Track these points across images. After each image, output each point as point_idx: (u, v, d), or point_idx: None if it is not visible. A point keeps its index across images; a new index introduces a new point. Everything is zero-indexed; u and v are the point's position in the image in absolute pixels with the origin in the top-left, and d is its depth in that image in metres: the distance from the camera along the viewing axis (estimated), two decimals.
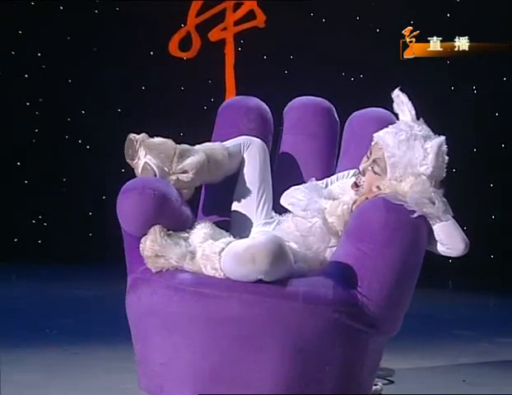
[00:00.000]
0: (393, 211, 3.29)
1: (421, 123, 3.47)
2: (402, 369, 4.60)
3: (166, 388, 3.28)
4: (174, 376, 3.26)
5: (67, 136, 10.26)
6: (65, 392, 3.80)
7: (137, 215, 3.30)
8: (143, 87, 10.38)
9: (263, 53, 10.44)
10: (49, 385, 3.91)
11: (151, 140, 3.53)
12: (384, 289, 3.27)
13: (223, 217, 3.77)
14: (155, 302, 3.27)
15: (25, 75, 10.21)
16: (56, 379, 4.02)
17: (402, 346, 5.20)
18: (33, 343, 5.02)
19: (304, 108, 4.05)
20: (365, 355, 3.33)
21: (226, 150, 3.69)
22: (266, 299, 3.13)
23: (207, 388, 3.19)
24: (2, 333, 5.20)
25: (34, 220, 10.29)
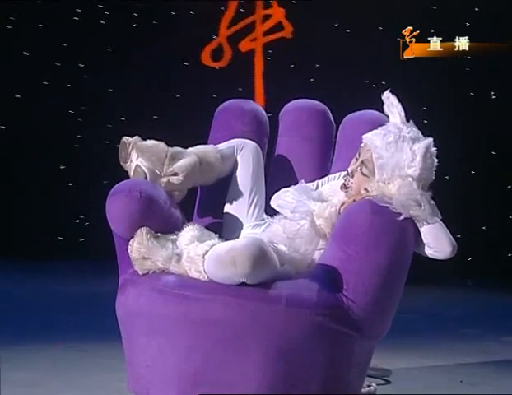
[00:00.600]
0: (378, 213, 3.04)
1: (411, 125, 3.22)
2: (402, 368, 4.35)
3: (152, 391, 3.08)
4: (160, 378, 3.06)
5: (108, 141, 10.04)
6: (61, 391, 3.54)
7: (124, 217, 3.11)
8: (178, 95, 10.13)
9: (291, 62, 10.15)
10: (48, 383, 3.69)
11: (144, 143, 3.33)
12: (370, 292, 3.03)
13: (216, 219, 3.56)
14: (141, 304, 3.06)
15: (69, 84, 10.01)
16: (57, 377, 3.77)
17: (404, 345, 4.95)
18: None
19: (299, 111, 3.81)
20: (352, 358, 3.09)
21: (219, 152, 3.47)
22: (248, 302, 2.91)
23: (191, 391, 2.98)
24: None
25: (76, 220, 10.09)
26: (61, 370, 3.93)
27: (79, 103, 10.09)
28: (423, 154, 3.08)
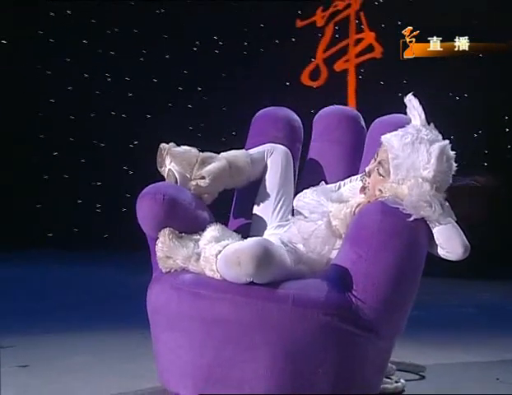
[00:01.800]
0: (389, 214, 2.65)
1: (431, 128, 2.80)
2: (439, 364, 3.81)
3: (172, 383, 2.79)
4: (178, 371, 2.75)
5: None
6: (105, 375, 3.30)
7: (149, 218, 2.84)
8: None
9: (380, 79, 9.68)
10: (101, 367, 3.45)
11: (177, 148, 3.04)
12: (380, 293, 2.63)
13: (247, 220, 3.24)
14: (162, 300, 2.78)
15: (129, 93, 9.76)
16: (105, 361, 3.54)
17: (453, 339, 4.33)
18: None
19: (330, 116, 3.43)
20: (364, 357, 2.70)
21: (249, 156, 3.15)
22: (256, 301, 2.56)
23: (204, 385, 2.66)
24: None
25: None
26: (115, 353, 3.63)
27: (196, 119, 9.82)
28: (437, 156, 2.66)
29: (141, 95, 9.59)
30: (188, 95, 9.82)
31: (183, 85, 9.81)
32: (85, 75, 9.49)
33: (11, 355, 3.55)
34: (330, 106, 3.45)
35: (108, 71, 9.65)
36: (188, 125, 9.65)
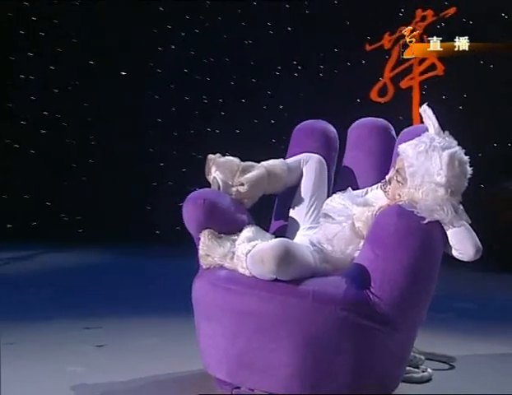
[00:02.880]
0: (404, 217, 2.44)
1: (445, 136, 2.55)
2: (475, 355, 3.48)
3: (211, 367, 2.69)
4: (214, 358, 2.66)
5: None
6: (168, 356, 3.20)
7: (192, 220, 2.75)
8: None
9: (443, 94, 9.24)
10: (166, 349, 3.35)
11: (221, 159, 2.94)
12: (395, 290, 2.43)
13: (285, 222, 3.03)
14: (201, 293, 2.68)
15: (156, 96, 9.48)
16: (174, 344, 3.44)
17: (488, 331, 3.99)
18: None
19: (362, 127, 3.22)
20: (382, 350, 2.50)
21: (286, 165, 2.99)
22: (279, 296, 2.43)
23: (237, 371, 2.55)
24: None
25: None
26: (179, 337, 3.54)
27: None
28: (447, 162, 2.44)
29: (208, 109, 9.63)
30: (272, 112, 9.71)
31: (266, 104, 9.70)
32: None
33: (93, 336, 3.55)
34: (364, 118, 3.26)
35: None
36: (272, 138, 9.54)
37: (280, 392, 2.44)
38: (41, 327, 3.73)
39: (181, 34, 9.88)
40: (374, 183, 2.92)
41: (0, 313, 4.14)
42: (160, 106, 9.73)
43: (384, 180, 2.66)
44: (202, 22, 9.82)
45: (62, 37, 9.48)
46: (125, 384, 2.70)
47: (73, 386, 2.62)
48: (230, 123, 9.75)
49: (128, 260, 7.26)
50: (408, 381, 2.84)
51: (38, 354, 3.17)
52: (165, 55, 9.76)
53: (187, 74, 9.79)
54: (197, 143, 9.71)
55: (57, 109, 9.59)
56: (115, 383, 2.69)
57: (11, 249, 7.31)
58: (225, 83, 9.84)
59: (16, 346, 3.28)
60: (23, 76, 9.44)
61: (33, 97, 9.45)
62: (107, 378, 2.77)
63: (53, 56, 9.45)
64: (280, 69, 9.89)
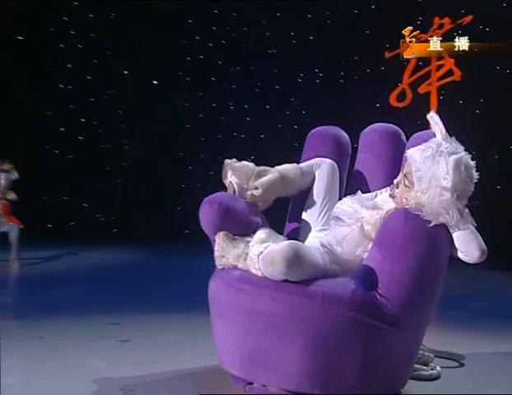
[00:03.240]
0: (411, 220, 2.37)
1: (451, 141, 2.46)
2: (486, 353, 3.38)
3: (225, 363, 2.63)
4: (228, 354, 2.60)
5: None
6: (189, 351, 3.17)
7: (207, 222, 2.69)
8: None
9: (460, 98, 9.10)
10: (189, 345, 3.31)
11: (237, 163, 2.89)
12: (402, 291, 2.36)
13: (299, 224, 2.96)
14: (216, 292, 2.63)
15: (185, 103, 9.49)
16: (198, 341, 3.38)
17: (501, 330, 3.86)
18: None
19: (373, 132, 3.14)
20: (389, 348, 2.43)
21: (299, 169, 2.93)
22: (289, 297, 2.36)
23: (248, 367, 2.48)
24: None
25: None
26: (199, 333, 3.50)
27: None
28: (453, 167, 2.36)
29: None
30: (295, 117, 9.63)
31: (289, 110, 9.64)
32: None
33: (118, 331, 3.53)
34: (375, 123, 3.18)
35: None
36: (295, 142, 9.47)
37: (291, 389, 2.39)
38: (70, 322, 3.73)
39: (209, 44, 9.90)
40: (383, 187, 2.84)
41: (33, 308, 4.19)
42: (189, 112, 9.77)
43: (392, 184, 2.59)
44: (228, 33, 9.83)
45: (97, 50, 9.61)
46: (143, 378, 2.67)
47: (95, 379, 2.61)
48: (255, 127, 9.74)
49: (158, 258, 7.29)
50: (417, 379, 2.76)
51: (64, 347, 3.17)
52: (194, 65, 9.80)
53: (214, 82, 9.80)
54: (223, 147, 9.69)
55: (93, 116, 9.70)
56: (134, 377, 2.67)
57: (50, 248, 7.40)
58: (250, 90, 9.83)
59: (44, 340, 3.29)
60: (62, 86, 9.57)
61: (71, 106, 9.58)
62: (128, 372, 2.75)
63: (89, 67, 9.58)
64: (302, 76, 9.85)
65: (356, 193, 2.73)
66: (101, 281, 5.61)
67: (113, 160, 9.43)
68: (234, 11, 9.70)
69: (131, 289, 5.03)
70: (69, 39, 9.50)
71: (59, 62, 9.42)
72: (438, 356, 3.03)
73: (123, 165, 9.48)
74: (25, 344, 3.22)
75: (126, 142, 9.57)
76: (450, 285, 5.08)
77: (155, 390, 2.56)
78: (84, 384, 2.54)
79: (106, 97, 9.52)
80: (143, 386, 2.58)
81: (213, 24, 9.70)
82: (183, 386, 2.63)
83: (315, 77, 9.79)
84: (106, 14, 9.49)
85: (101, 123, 9.54)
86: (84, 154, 9.34)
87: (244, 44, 9.70)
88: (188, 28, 9.63)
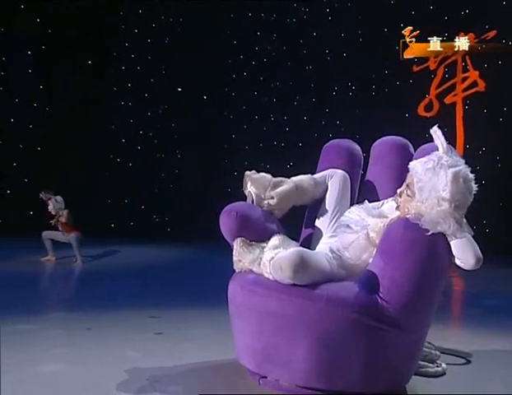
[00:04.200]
0: (410, 229, 2.28)
1: (452, 155, 2.32)
2: (494, 350, 3.20)
3: (242, 358, 2.58)
4: (244, 350, 2.56)
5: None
6: (216, 345, 3.12)
7: (226, 229, 2.66)
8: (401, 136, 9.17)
9: (484, 108, 8.78)
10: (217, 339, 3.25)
11: (256, 175, 2.84)
12: (402, 295, 2.28)
13: (312, 230, 2.86)
14: (233, 294, 2.58)
15: (230, 115, 9.50)
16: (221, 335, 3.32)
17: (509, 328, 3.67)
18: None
19: (383, 144, 3.03)
20: (391, 348, 2.34)
21: (313, 180, 2.85)
22: (296, 299, 2.31)
23: (262, 363, 2.44)
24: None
25: None
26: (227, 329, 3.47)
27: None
28: (451, 179, 2.26)
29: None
30: (330, 127, 9.49)
31: (325, 120, 9.50)
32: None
33: (155, 324, 3.52)
34: (385, 136, 3.07)
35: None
36: None
37: (300, 383, 2.33)
38: (117, 315, 3.75)
39: (252, 62, 9.88)
40: (391, 196, 2.74)
41: (86, 302, 4.23)
42: (234, 124, 9.77)
43: (396, 193, 2.49)
44: (269, 52, 9.79)
45: (153, 70, 9.74)
46: (169, 370, 2.65)
47: (126, 369, 2.60)
48: (293, 137, 9.65)
49: (204, 255, 7.31)
50: (423, 375, 2.65)
51: (107, 339, 3.17)
52: (239, 81, 9.79)
53: (256, 96, 9.77)
54: (266, 155, 9.66)
55: (149, 129, 9.83)
56: (162, 368, 2.65)
57: (113, 244, 7.53)
58: (289, 103, 9.75)
59: (91, 331, 3.31)
60: (123, 103, 9.74)
61: (131, 120, 9.74)
62: (157, 363, 2.73)
63: (146, 86, 9.72)
64: (336, 90, 9.70)
65: (363, 202, 2.65)
66: (151, 276, 5.65)
67: (166, 167, 9.54)
68: (274, 33, 9.65)
69: (174, 284, 5.05)
70: (129, 61, 9.67)
71: (121, 81, 9.60)
72: (445, 353, 2.91)
73: (176, 172, 9.57)
74: (74, 334, 3.25)
75: (178, 152, 9.67)
76: (466, 284, 4.90)
77: (178, 380, 2.53)
78: (116, 374, 2.54)
79: (161, 112, 9.63)
80: (168, 377, 2.55)
81: (255, 44, 9.68)
82: (203, 377, 2.59)
83: (348, 90, 9.63)
84: (161, 39, 9.61)
85: (156, 134, 9.67)
86: (141, 162, 9.48)
87: (284, 61, 9.64)
88: (233, 48, 9.64)
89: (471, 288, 4.67)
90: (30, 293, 4.54)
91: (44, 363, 2.71)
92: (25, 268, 5.82)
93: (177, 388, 2.43)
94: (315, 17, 9.45)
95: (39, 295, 4.68)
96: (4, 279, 5.17)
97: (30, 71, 9.33)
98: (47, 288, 5.30)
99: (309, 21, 9.48)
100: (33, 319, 3.53)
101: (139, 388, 2.39)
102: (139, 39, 9.61)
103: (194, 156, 9.40)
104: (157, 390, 2.39)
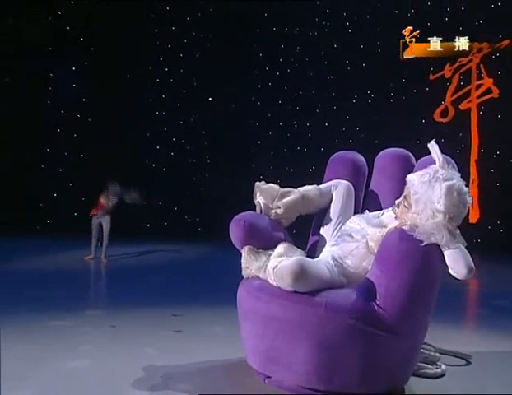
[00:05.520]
0: (405, 240, 2.23)
1: (448, 168, 2.27)
2: (494, 352, 3.09)
3: (249, 358, 2.56)
4: (250, 351, 2.55)
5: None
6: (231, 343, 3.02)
7: (234, 238, 2.65)
8: (418, 141, 8.97)
9: (498, 114, 8.55)
10: (227, 337, 3.24)
11: (264, 185, 2.81)
12: (397, 303, 2.23)
13: (318, 238, 2.80)
14: (241, 299, 2.57)
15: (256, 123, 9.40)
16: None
17: None
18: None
19: (386, 156, 2.96)
20: (388, 353, 2.29)
21: (319, 190, 2.81)
22: (297, 306, 2.29)
23: (266, 363, 2.43)
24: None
25: None
26: None
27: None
28: (445, 192, 2.20)
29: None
30: (350, 133, 9.36)
31: (345, 127, 9.38)
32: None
33: (176, 322, 3.51)
34: (388, 148, 2.98)
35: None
36: None
37: (302, 384, 2.30)
38: (141, 313, 3.74)
39: (276, 73, 9.84)
40: (392, 205, 2.67)
41: (113, 299, 4.26)
42: (260, 131, 9.75)
43: (394, 204, 2.43)
44: (292, 63, 9.73)
45: (185, 82, 9.81)
46: (183, 367, 2.66)
47: (144, 367, 2.61)
48: (315, 142, 9.56)
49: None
50: (423, 376, 2.58)
51: (129, 336, 3.18)
52: (264, 91, 9.76)
53: (280, 105, 9.72)
54: (290, 160, 9.63)
55: (181, 136, 9.91)
56: (176, 366, 2.65)
57: (147, 243, 7.62)
58: (311, 111, 9.67)
59: (116, 329, 3.33)
60: (157, 113, 9.85)
61: (165, 128, 9.84)
62: (172, 360, 2.74)
63: (179, 96, 9.79)
64: (356, 98, 9.57)
65: (364, 212, 2.60)
66: (178, 274, 5.67)
67: (197, 171, 9.60)
68: (297, 45, 9.59)
69: (201, 283, 5.04)
70: (163, 74, 9.76)
71: (156, 93, 9.70)
72: (445, 354, 2.83)
73: (206, 176, 9.61)
74: (98, 331, 3.26)
75: (208, 157, 9.71)
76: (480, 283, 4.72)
77: (190, 378, 2.53)
78: (133, 371, 2.55)
79: (192, 120, 9.70)
80: (181, 374, 2.56)
81: (280, 56, 9.64)
82: (213, 375, 2.59)
83: (367, 98, 9.49)
84: (192, 53, 9.67)
85: (188, 141, 9.74)
86: (174, 167, 9.56)
87: (306, 72, 9.57)
88: (259, 60, 9.63)
89: (483, 287, 4.52)
90: (68, 290, 4.58)
91: (70, 359, 2.74)
92: (64, 266, 5.93)
93: (188, 386, 2.42)
94: (336, 30, 9.35)
95: (77, 293, 4.67)
96: (47, 276, 5.27)
97: (74, 85, 9.55)
98: (83, 286, 5.33)
99: (330, 34, 9.39)
100: (68, 316, 3.56)
101: (152, 386, 2.40)
102: (172, 53, 9.71)
103: (223, 161, 9.42)
104: (169, 387, 2.39)
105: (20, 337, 3.06)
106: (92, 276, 5.74)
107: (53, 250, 6.98)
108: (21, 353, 2.79)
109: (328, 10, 9.36)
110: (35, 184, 9.07)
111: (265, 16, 9.46)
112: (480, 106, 8.87)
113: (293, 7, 9.23)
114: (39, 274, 5.37)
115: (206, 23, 9.49)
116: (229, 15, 9.20)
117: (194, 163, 9.67)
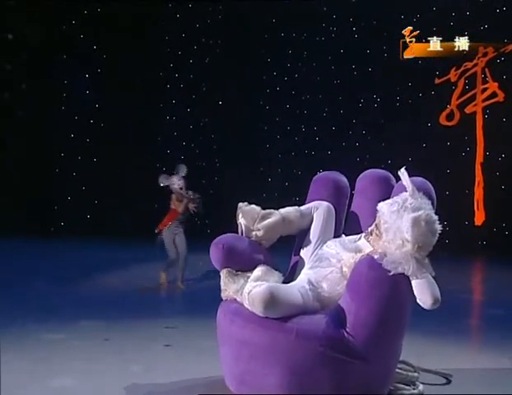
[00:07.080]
0: (373, 268, 2.21)
1: (418, 197, 2.22)
2: (476, 369, 3.02)
3: (226, 380, 2.54)
4: (226, 373, 2.55)
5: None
6: None
7: (214, 260, 2.65)
8: (424, 144, 8.86)
9: (503, 117, 8.38)
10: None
11: (246, 207, 2.78)
12: (366, 330, 2.22)
13: (298, 259, 2.77)
14: (218, 321, 2.56)
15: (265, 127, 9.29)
16: None
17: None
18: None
19: (366, 178, 2.92)
20: (358, 379, 2.28)
21: (299, 212, 2.79)
22: (269, 331, 2.28)
23: (240, 387, 2.43)
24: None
25: None
26: None
27: None
28: (411, 224, 2.17)
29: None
30: (357, 136, 9.29)
31: (352, 130, 9.30)
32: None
33: (168, 335, 3.45)
34: (368, 170, 2.92)
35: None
36: (356, 157, 9.16)
37: None
38: (134, 325, 3.69)
39: (284, 78, 9.78)
40: None
41: (110, 311, 4.13)
42: (268, 134, 9.71)
43: (367, 231, 2.39)
44: (299, 68, 9.66)
45: (195, 87, 9.81)
46: (167, 386, 2.64)
47: (126, 386, 2.59)
48: (323, 146, 9.49)
49: None
50: None
51: (120, 350, 3.15)
52: (272, 95, 9.71)
53: (288, 109, 9.67)
54: (298, 163, 9.57)
55: (191, 140, 9.93)
56: (160, 385, 2.64)
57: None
58: (318, 115, 9.60)
59: (109, 343, 3.32)
60: (168, 118, 9.89)
61: (175, 133, 9.87)
62: (157, 378, 2.73)
63: (189, 101, 9.81)
64: (363, 102, 9.45)
65: (340, 236, 2.56)
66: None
67: (207, 175, 9.61)
68: (304, 50, 9.52)
69: (202, 292, 4.95)
70: (173, 80, 9.79)
71: (166, 98, 9.73)
72: (426, 371, 2.77)
73: (215, 179, 9.62)
74: (91, 346, 3.23)
75: (217, 160, 9.72)
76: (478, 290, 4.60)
77: None
78: (115, 389, 2.54)
79: (201, 125, 9.71)
80: (164, 393, 2.55)
81: (287, 61, 9.58)
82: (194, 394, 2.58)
83: (374, 102, 9.37)
84: (202, 59, 9.67)
85: (198, 145, 9.75)
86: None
87: (313, 76, 9.48)
88: (267, 65, 9.58)
89: (476, 296, 4.42)
90: (67, 299, 4.48)
91: (58, 376, 2.73)
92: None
93: None
94: (342, 35, 9.25)
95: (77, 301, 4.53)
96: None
97: (87, 92, 9.64)
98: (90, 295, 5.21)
99: (336, 39, 9.29)
100: (63, 329, 3.53)
101: None
102: (182, 59, 9.72)
103: (232, 165, 9.42)
104: None
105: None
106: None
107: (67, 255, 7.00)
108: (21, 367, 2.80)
109: (334, 16, 9.27)
110: (50, 188, 9.22)
111: (273, 22, 9.40)
112: (485, 110, 8.70)
113: (300, 13, 9.17)
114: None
115: (215, 30, 9.48)
116: (237, 21, 9.18)
117: (204, 166, 9.68)
